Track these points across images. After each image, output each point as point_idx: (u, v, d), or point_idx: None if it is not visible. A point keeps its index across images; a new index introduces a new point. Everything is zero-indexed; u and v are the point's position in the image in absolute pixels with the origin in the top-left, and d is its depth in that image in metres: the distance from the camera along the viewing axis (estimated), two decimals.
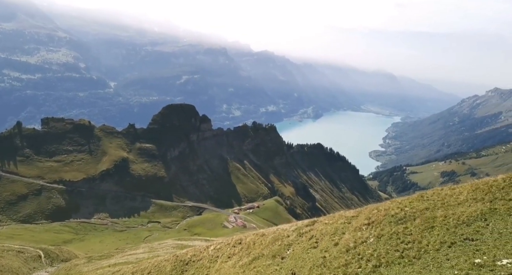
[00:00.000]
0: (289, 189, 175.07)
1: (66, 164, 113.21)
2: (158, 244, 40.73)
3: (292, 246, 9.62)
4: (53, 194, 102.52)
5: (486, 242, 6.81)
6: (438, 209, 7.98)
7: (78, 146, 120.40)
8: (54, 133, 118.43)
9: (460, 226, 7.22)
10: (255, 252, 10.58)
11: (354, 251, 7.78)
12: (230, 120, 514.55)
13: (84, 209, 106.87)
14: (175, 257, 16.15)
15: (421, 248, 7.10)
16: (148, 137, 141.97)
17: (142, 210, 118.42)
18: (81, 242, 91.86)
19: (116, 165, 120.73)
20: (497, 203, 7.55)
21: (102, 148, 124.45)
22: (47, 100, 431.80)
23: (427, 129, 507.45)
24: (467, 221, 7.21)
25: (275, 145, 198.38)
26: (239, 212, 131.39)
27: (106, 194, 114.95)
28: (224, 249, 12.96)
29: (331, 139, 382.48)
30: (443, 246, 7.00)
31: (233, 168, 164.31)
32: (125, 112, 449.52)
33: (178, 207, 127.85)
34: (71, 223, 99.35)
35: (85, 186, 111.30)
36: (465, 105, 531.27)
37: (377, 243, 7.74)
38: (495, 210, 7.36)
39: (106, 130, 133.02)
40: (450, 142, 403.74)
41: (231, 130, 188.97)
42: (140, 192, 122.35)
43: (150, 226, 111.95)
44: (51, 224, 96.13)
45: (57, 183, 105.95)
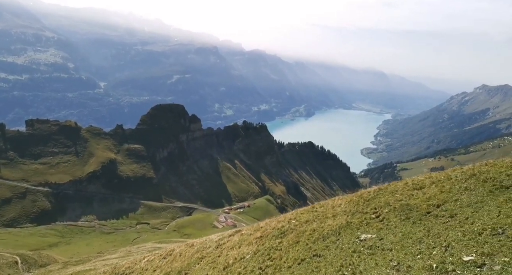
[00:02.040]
0: (280, 188, 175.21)
1: (52, 167, 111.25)
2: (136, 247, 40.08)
3: (203, 260, 9.42)
4: (38, 197, 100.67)
5: (327, 259, 6.80)
6: (314, 222, 8.03)
7: (64, 148, 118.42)
8: (39, 135, 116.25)
9: (318, 241, 7.29)
10: (174, 266, 10.35)
11: (229, 269, 7.73)
12: (222, 120, 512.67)
13: (71, 211, 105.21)
14: (112, 268, 15.93)
15: (279, 265, 7.08)
16: (137, 138, 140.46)
17: (130, 212, 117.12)
18: (67, 245, 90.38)
19: (104, 166, 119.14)
20: (355, 216, 7.66)
21: (89, 150, 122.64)
22: (35, 101, 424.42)
23: (417, 126, 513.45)
24: (326, 235, 7.26)
25: (266, 144, 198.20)
26: (229, 212, 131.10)
27: (94, 196, 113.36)
28: (155, 261, 12.68)
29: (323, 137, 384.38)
30: (295, 263, 6.98)
31: (223, 168, 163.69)
32: (116, 113, 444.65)
33: (168, 208, 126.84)
34: (57, 226, 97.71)
35: (72, 189, 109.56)
36: (454, 102, 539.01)
37: (251, 259, 7.68)
38: (350, 224, 7.44)
39: (93, 131, 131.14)
40: (439, 139, 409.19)
41: (221, 130, 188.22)
42: (129, 194, 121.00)
43: (139, 228, 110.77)
44: (36, 227, 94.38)
45: (43, 186, 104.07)
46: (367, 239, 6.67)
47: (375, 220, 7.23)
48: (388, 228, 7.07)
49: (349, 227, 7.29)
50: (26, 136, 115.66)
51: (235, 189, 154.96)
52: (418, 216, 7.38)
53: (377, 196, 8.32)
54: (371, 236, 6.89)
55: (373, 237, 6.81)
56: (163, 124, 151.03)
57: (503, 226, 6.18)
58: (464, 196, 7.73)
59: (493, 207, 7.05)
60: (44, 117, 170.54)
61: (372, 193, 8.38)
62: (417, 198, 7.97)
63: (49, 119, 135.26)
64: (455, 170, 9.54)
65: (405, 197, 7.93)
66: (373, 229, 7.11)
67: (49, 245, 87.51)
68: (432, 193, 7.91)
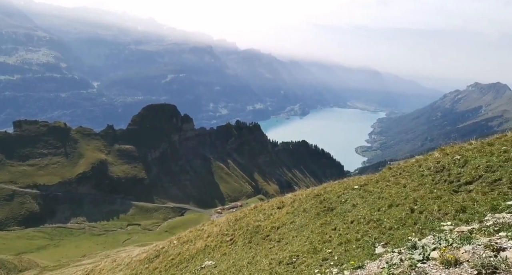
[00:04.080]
0: (274, 187, 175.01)
1: (41, 168, 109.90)
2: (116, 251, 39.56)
3: None
4: (26, 199, 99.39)
5: None
6: (188, 244, 8.53)
7: (53, 149, 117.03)
8: (27, 136, 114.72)
9: (171, 268, 7.68)
10: None
11: None
12: (217, 119, 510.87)
13: (60, 213, 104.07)
14: None
15: None
16: (128, 138, 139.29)
17: (121, 213, 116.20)
18: (56, 248, 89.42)
19: (94, 167, 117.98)
20: (216, 239, 8.42)
21: (79, 151, 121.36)
22: (28, 101, 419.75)
23: (411, 124, 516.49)
24: (181, 261, 7.68)
25: (259, 143, 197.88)
26: (222, 212, 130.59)
27: (84, 198, 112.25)
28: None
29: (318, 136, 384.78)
30: None
31: (216, 168, 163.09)
32: (109, 113, 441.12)
33: (159, 209, 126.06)
34: (46, 229, 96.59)
35: (61, 190, 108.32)
36: (447, 100, 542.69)
37: None
38: (206, 248, 8.03)
39: (83, 132, 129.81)
40: (433, 137, 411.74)
41: (214, 130, 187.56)
42: (120, 195, 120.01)
43: (130, 229, 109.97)
44: (24, 230, 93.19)
45: (31, 188, 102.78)
46: (206, 267, 6.94)
47: (227, 243, 7.54)
48: (230, 253, 7.34)
49: (203, 252, 7.60)
50: (14, 137, 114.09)
51: (228, 189, 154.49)
52: (259, 239, 7.61)
53: (247, 216, 8.82)
54: (211, 263, 7.08)
55: (211, 264, 7.05)
56: (155, 124, 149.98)
57: (298, 255, 6.45)
58: (298, 219, 7.98)
59: (308, 232, 7.30)
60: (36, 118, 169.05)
61: (244, 212, 8.82)
62: (270, 219, 8.37)
63: (42, 120, 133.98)
64: (309, 191, 10.33)
65: (265, 217, 8.26)
66: (219, 254, 7.42)
67: (37, 248, 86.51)
68: (282, 213, 8.38)
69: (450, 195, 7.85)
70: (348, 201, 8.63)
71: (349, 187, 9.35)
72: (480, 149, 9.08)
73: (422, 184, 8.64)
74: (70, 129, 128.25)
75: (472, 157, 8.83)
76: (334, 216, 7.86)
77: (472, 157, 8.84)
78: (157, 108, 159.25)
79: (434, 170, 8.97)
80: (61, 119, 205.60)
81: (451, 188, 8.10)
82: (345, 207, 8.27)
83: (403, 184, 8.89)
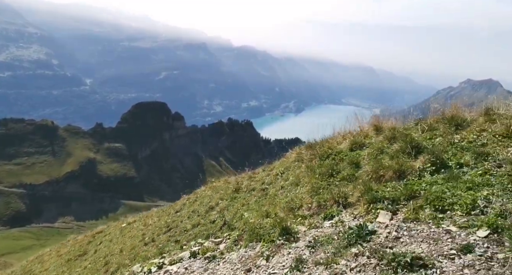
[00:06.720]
0: None
1: (27, 167, 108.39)
2: None
3: None
4: (12, 198, 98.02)
5: None
6: None
7: (40, 148, 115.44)
8: (13, 135, 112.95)
9: None
10: None
11: None
12: (212, 116, 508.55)
13: (47, 213, 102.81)
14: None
15: None
16: (117, 136, 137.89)
17: (110, 212, 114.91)
18: (42, 248, 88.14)
19: (82, 166, 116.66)
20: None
21: (66, 149, 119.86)
22: (19, 99, 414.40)
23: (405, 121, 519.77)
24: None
25: (252, 141, 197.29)
26: None
27: (72, 197, 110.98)
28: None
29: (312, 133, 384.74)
30: None
31: (208, 166, 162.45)
32: (103, 110, 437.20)
33: (150, 207, 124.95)
34: (32, 229, 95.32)
35: (48, 189, 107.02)
36: (440, 96, 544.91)
37: None
38: None
39: (71, 131, 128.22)
40: None
41: (206, 127, 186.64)
42: (109, 193, 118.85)
43: None
44: (9, 230, 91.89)
45: (17, 187, 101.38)
46: None
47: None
48: None
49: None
50: (0, 136, 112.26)
51: None
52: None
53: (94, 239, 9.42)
54: None
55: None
56: (145, 122, 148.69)
57: None
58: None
59: None
60: (28, 116, 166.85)
61: (89, 237, 9.22)
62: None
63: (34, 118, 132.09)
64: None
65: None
66: None
67: (22, 248, 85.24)
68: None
69: None
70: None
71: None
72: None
73: None
74: (58, 127, 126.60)
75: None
76: None
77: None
78: (148, 106, 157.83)
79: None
80: (53, 117, 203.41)
81: None
82: None
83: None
